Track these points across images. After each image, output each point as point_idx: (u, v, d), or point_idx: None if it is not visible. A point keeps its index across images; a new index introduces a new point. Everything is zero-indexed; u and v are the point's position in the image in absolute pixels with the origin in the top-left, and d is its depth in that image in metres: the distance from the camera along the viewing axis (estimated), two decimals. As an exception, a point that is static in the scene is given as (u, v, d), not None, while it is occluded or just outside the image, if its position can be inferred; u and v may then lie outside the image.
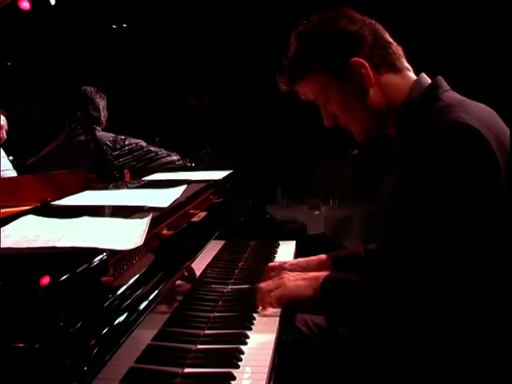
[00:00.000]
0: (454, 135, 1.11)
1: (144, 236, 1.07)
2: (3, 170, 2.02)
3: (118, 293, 1.00)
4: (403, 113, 1.31)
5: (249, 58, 5.56)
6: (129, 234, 1.07)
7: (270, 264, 1.72)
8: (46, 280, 0.88)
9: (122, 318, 0.97)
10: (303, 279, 1.35)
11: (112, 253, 1.02)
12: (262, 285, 1.42)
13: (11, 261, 0.95)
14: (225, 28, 5.53)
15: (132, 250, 1.12)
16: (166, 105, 6.16)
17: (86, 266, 0.94)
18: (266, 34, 5.13)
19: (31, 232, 1.06)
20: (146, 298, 1.09)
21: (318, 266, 1.60)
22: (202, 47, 5.71)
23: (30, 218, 1.19)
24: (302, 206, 4.39)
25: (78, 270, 0.92)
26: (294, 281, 1.36)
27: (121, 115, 3.01)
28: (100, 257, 0.97)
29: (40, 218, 1.19)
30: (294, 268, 1.60)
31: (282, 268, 1.60)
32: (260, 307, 1.41)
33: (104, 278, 1.00)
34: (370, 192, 4.46)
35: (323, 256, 1.65)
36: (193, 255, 1.52)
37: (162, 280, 1.15)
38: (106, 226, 1.13)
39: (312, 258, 1.67)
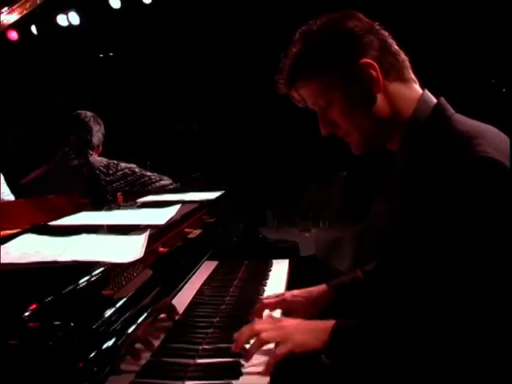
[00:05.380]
0: (482, 171, 1.05)
1: (143, 249, 1.09)
2: (3, 193, 2.03)
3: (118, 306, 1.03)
4: (410, 132, 1.24)
5: (236, 81, 5.65)
6: (129, 248, 1.09)
7: (265, 300, 1.53)
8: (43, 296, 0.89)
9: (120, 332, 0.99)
10: (310, 331, 1.20)
11: (112, 267, 1.04)
12: (262, 335, 1.20)
13: (14, 275, 0.97)
14: (210, 52, 5.63)
15: (130, 265, 1.15)
16: (155, 130, 6.21)
17: (87, 279, 0.96)
18: (253, 58, 5.22)
19: (32, 248, 1.07)
20: (144, 311, 1.11)
21: (321, 297, 1.54)
22: (189, 71, 5.79)
23: (30, 236, 1.20)
24: (293, 229, 4.42)
25: (80, 283, 0.94)
26: (299, 333, 1.20)
27: (109, 141, 3.02)
28: (101, 270, 0.99)
29: (39, 236, 1.21)
30: (295, 300, 1.52)
31: (279, 303, 1.51)
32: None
33: (105, 292, 1.02)
34: (359, 213, 4.52)
35: (324, 286, 1.57)
36: (188, 272, 1.54)
37: (160, 294, 1.17)
38: (105, 241, 1.15)
39: (313, 288, 1.57)
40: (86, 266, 0.99)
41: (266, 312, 1.52)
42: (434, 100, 1.26)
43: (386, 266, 1.38)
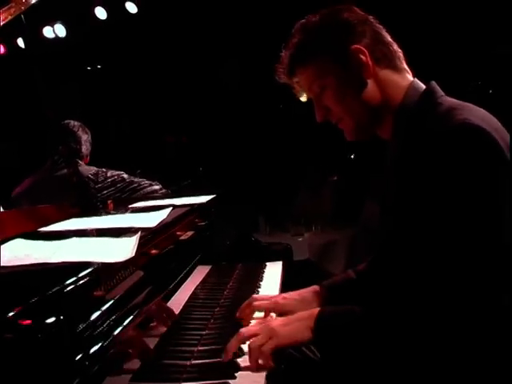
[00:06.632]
0: (463, 137, 1.09)
1: (135, 249, 1.08)
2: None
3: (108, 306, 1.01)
4: (399, 117, 1.29)
5: (229, 86, 5.67)
6: (120, 248, 1.08)
7: (256, 296, 1.52)
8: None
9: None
10: (297, 320, 1.21)
11: (104, 267, 1.03)
12: (251, 343, 1.17)
13: (4, 278, 0.96)
14: (198, 61, 5.64)
15: (122, 267, 1.14)
16: (144, 144, 6.19)
17: (77, 279, 0.95)
18: (244, 66, 5.24)
19: (22, 251, 1.06)
20: (137, 312, 1.10)
21: (314, 298, 1.50)
22: (178, 80, 5.79)
23: (20, 240, 1.19)
24: (285, 234, 4.43)
25: (70, 284, 0.93)
26: (286, 325, 1.20)
27: (98, 151, 3.01)
28: (92, 270, 0.98)
29: (29, 240, 1.20)
30: (287, 302, 1.48)
31: (271, 305, 1.46)
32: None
33: (97, 293, 1.01)
34: (350, 216, 4.53)
35: (316, 287, 1.54)
36: (179, 273, 1.54)
37: (152, 294, 1.16)
38: (96, 243, 1.14)
39: (305, 290, 1.54)
40: (77, 267, 0.98)
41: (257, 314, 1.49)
42: (423, 86, 1.31)
43: (383, 251, 1.39)
